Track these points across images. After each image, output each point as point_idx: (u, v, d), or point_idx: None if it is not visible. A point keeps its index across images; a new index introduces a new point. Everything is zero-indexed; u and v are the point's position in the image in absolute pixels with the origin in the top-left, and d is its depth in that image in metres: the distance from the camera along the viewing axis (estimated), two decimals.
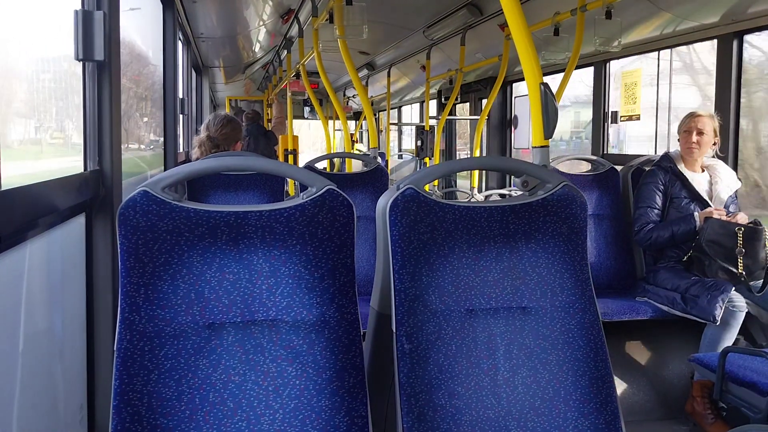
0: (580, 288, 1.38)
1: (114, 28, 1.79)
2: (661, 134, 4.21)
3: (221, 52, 7.04)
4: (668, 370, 2.77)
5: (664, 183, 2.87)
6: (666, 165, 2.91)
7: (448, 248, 1.35)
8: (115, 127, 1.82)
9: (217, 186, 2.91)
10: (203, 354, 1.21)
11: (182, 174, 1.27)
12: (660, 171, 2.90)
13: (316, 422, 1.22)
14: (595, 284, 1.42)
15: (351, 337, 1.27)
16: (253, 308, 1.24)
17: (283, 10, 5.39)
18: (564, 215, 1.39)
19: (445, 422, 1.27)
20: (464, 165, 1.83)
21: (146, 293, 1.20)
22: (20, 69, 1.76)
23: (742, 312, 2.50)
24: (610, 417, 1.34)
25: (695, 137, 2.83)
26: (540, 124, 1.70)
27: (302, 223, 1.27)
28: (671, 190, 2.86)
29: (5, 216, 1.23)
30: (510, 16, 1.73)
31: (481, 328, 1.33)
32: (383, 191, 1.46)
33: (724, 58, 3.27)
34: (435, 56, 6.07)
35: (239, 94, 10.84)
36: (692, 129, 2.84)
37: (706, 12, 3.27)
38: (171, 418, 1.18)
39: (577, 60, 3.76)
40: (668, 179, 2.88)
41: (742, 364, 2.14)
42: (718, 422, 2.43)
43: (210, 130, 3.05)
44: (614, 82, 4.37)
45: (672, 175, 2.87)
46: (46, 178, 1.47)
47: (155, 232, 1.21)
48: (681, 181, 2.85)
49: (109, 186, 1.82)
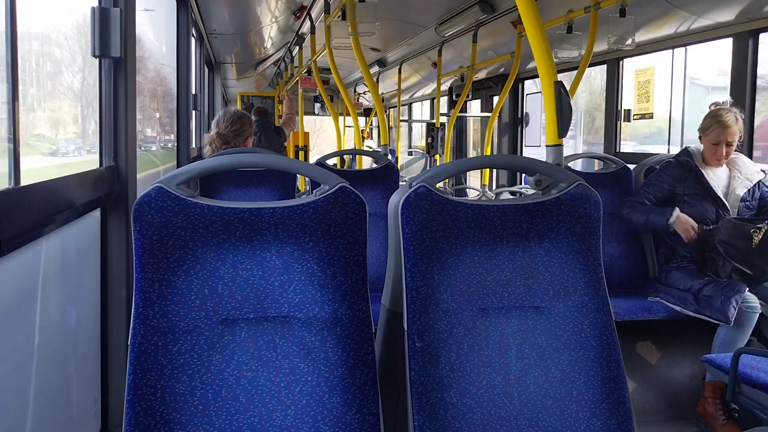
0: (593, 288, 1.38)
1: (130, 25, 1.80)
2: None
3: (233, 48, 7.05)
4: (679, 370, 2.75)
5: (675, 179, 2.81)
6: (683, 159, 2.83)
7: (461, 247, 1.35)
8: (131, 123, 1.83)
9: (228, 182, 2.92)
10: (216, 350, 1.22)
11: (197, 170, 1.28)
12: (675, 165, 2.83)
13: (327, 419, 1.23)
14: (607, 283, 1.42)
15: (363, 334, 1.28)
16: (266, 305, 1.25)
17: (296, 7, 5.40)
18: (578, 214, 1.38)
19: (456, 421, 1.27)
20: (478, 163, 1.82)
21: (160, 289, 1.21)
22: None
23: (756, 313, 2.48)
24: (622, 418, 1.33)
25: (724, 150, 2.74)
26: (554, 122, 1.69)
27: (315, 220, 1.27)
28: (683, 186, 2.79)
29: (23, 212, 1.25)
30: (524, 13, 1.72)
31: (493, 327, 1.33)
32: (394, 188, 1.46)
33: (739, 56, 3.24)
34: (446, 53, 6.06)
35: (251, 90, 10.86)
36: (722, 142, 2.73)
37: (722, 10, 3.23)
38: (184, 413, 1.19)
39: (591, 58, 3.74)
40: (681, 174, 2.80)
41: (756, 366, 2.12)
42: (729, 424, 2.41)
43: (220, 127, 3.06)
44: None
45: (687, 170, 2.80)
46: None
47: (170, 228, 1.22)
48: (696, 177, 2.78)
49: (124, 182, 1.83)
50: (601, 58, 4.33)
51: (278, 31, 6.41)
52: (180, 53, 3.64)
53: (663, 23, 3.64)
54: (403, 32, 6.02)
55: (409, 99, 9.91)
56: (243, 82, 10.01)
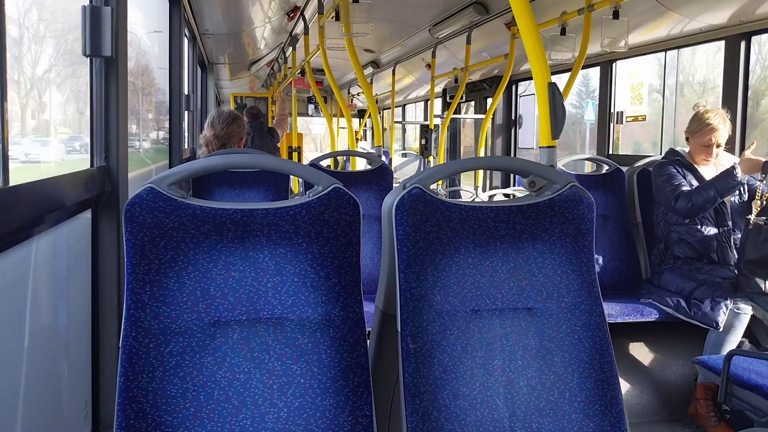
0: (586, 289, 1.38)
1: (122, 24, 1.78)
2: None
3: (226, 48, 7.04)
4: (672, 372, 2.76)
5: (680, 171, 2.82)
6: (674, 158, 2.87)
7: (454, 248, 1.34)
8: (122, 123, 1.82)
9: (221, 183, 2.91)
10: (208, 351, 1.21)
11: (189, 171, 1.27)
12: (670, 162, 2.86)
13: (320, 421, 1.22)
14: (600, 285, 1.42)
15: (356, 336, 1.27)
16: (259, 306, 1.24)
17: (289, 8, 5.39)
18: (571, 216, 1.39)
19: (449, 422, 1.27)
20: (472, 164, 1.82)
21: (152, 290, 1.20)
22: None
23: (747, 315, 2.49)
24: (614, 419, 1.33)
25: (715, 151, 2.79)
26: (547, 124, 1.70)
27: (308, 221, 1.26)
28: (686, 179, 2.81)
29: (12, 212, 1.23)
30: (518, 14, 1.72)
31: (486, 329, 1.33)
32: (387, 190, 1.46)
33: (731, 59, 3.26)
34: (440, 55, 6.06)
35: (244, 90, 10.84)
36: (712, 144, 2.77)
37: (714, 13, 3.25)
38: (176, 416, 1.18)
39: (584, 60, 3.75)
40: (680, 169, 2.83)
41: (747, 367, 2.13)
42: (721, 425, 2.42)
43: (216, 129, 3.05)
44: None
45: (681, 166, 2.84)
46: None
47: (161, 229, 1.21)
48: (691, 172, 2.83)
49: (116, 182, 1.82)
50: (595, 60, 4.34)
51: (271, 32, 6.40)
52: (172, 53, 3.63)
53: (656, 26, 3.66)
54: (397, 33, 6.02)
55: (403, 100, 9.91)
56: (236, 83, 9.99)
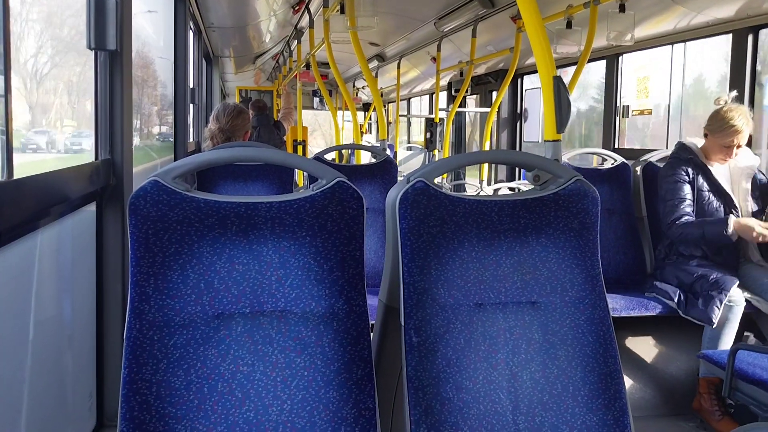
0: (590, 283, 1.38)
1: (126, 17, 1.78)
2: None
3: (231, 42, 7.03)
4: (676, 366, 2.76)
5: (689, 174, 2.74)
6: (685, 156, 2.78)
7: (458, 242, 1.34)
8: (127, 116, 1.82)
9: (226, 176, 2.91)
10: (212, 344, 1.22)
11: (193, 164, 1.27)
12: (680, 162, 2.78)
13: (323, 413, 1.23)
14: (604, 279, 1.41)
15: (359, 329, 1.27)
16: (262, 299, 1.24)
17: (294, 1, 5.38)
18: (576, 210, 1.38)
19: (452, 416, 1.27)
20: (476, 158, 1.82)
21: (156, 283, 1.21)
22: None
23: (740, 306, 2.47)
24: (618, 413, 1.33)
25: (735, 152, 2.69)
26: (553, 117, 1.69)
27: (312, 214, 1.26)
28: (696, 182, 2.73)
29: (18, 204, 1.24)
30: (524, 8, 1.71)
31: (489, 323, 1.33)
32: (392, 183, 1.46)
33: (738, 52, 3.24)
34: (445, 48, 6.04)
35: (249, 84, 10.84)
36: (733, 146, 2.67)
37: (721, 6, 3.23)
38: (179, 408, 1.19)
39: (590, 53, 3.73)
40: (690, 170, 2.75)
41: (752, 362, 2.12)
42: (725, 419, 2.42)
43: (221, 122, 3.05)
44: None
45: (693, 166, 2.75)
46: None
47: (165, 222, 1.21)
48: (703, 173, 2.74)
49: (120, 175, 1.82)
50: (600, 53, 4.32)
51: (277, 25, 6.39)
52: (177, 46, 3.63)
53: (662, 19, 3.63)
54: (402, 27, 6.00)
55: (408, 94, 9.89)
56: (241, 76, 9.98)
